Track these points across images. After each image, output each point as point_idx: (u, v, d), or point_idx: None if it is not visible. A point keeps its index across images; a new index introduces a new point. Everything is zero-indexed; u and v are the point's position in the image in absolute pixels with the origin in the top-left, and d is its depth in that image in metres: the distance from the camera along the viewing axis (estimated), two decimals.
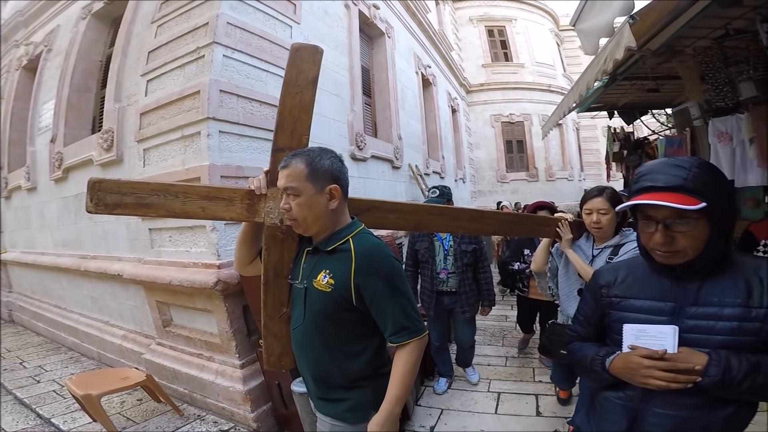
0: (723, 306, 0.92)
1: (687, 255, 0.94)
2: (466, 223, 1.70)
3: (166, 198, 1.30)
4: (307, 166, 1.15)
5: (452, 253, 2.98)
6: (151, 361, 3.20)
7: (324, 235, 1.22)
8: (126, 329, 3.79)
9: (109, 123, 3.53)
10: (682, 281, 0.98)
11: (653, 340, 0.96)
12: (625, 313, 1.05)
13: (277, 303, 1.40)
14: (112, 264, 3.65)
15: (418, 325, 1.18)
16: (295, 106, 1.36)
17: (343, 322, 1.20)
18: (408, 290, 1.20)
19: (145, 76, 3.16)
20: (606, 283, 1.13)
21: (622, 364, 0.99)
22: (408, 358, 1.17)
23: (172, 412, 2.86)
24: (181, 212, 1.32)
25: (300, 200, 1.15)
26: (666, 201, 0.90)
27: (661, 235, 0.93)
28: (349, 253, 1.16)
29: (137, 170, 3.25)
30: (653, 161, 1.08)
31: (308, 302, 1.23)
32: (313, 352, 1.24)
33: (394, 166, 5.98)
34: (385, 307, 1.16)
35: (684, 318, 0.95)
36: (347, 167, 1.27)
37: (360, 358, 1.22)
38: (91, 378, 2.82)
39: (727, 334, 0.91)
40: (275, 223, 1.35)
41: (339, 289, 1.15)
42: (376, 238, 1.26)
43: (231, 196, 1.35)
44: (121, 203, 1.28)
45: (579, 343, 1.20)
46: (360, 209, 1.44)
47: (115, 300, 3.85)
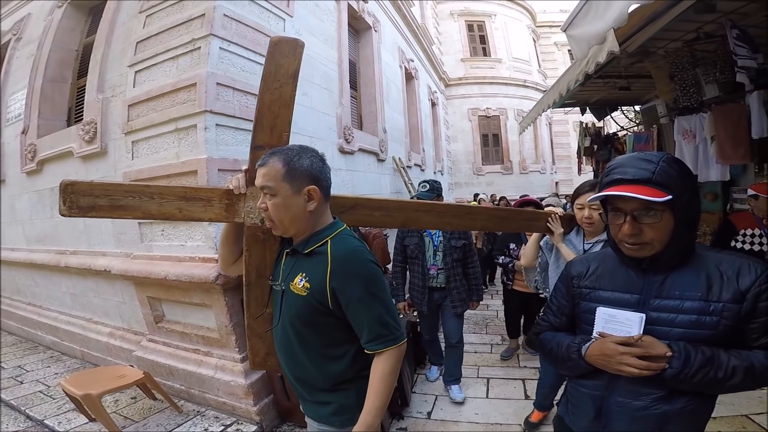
0: (684, 299, 0.96)
1: (654, 248, 0.97)
2: (454, 219, 1.66)
3: (142, 200, 1.26)
4: (284, 165, 1.11)
5: (442, 249, 2.94)
6: (143, 358, 3.15)
7: (303, 236, 1.19)
8: (112, 326, 3.69)
9: (91, 114, 3.38)
10: (647, 273, 1.02)
11: (621, 326, 1.00)
12: (593, 303, 1.08)
13: (260, 304, 1.37)
14: (96, 259, 3.53)
15: (395, 332, 1.14)
16: (275, 102, 1.31)
17: (320, 326, 1.17)
18: (386, 296, 1.16)
19: (132, 66, 3.06)
20: (577, 273, 1.16)
21: (597, 351, 1.02)
22: (384, 367, 1.12)
23: (170, 409, 2.83)
24: (158, 214, 1.28)
25: (276, 201, 1.12)
26: (634, 193, 0.93)
27: (629, 226, 0.96)
28: (325, 256, 1.13)
29: (124, 163, 3.16)
30: (624, 155, 1.11)
31: (285, 305, 1.20)
32: (292, 355, 1.21)
33: (379, 159, 6.03)
34: (361, 313, 1.12)
35: (648, 310, 0.99)
36: (329, 166, 1.23)
37: (341, 362, 1.19)
38: (87, 377, 2.75)
39: (687, 327, 0.95)
40: (255, 224, 1.31)
41: (314, 294, 1.12)
42: (357, 240, 1.21)
43: (209, 197, 1.30)
44: (94, 206, 1.23)
45: (551, 333, 1.21)
46: (344, 207, 1.41)
47: (99, 297, 3.73)
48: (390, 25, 7.07)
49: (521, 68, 14.58)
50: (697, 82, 4.49)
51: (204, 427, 2.64)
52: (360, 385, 1.18)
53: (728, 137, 4.07)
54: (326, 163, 1.21)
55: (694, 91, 4.52)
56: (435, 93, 11.26)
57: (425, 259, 2.95)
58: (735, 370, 0.91)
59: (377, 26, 6.14)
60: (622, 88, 5.97)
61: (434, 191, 2.91)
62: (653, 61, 4.85)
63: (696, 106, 4.53)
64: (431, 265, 2.95)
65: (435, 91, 11.32)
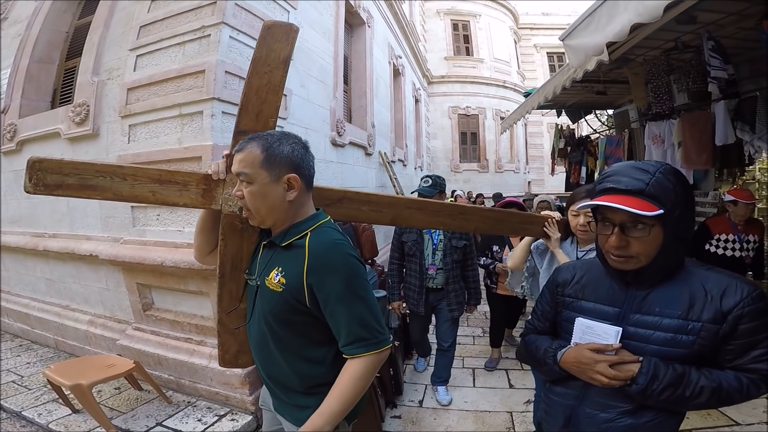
0: (663, 316, 0.94)
1: (639, 261, 0.95)
2: (447, 218, 1.60)
3: (113, 180, 1.20)
4: (263, 151, 1.04)
5: (441, 249, 2.79)
6: (128, 347, 3.07)
7: (281, 228, 1.12)
8: (92, 314, 3.56)
9: (83, 96, 3.27)
10: (630, 287, 1.00)
11: (597, 339, 0.99)
12: (573, 313, 1.08)
13: (234, 298, 1.31)
14: (80, 243, 3.40)
15: (378, 336, 1.05)
16: (263, 87, 1.27)
17: (297, 325, 1.09)
18: (369, 295, 1.07)
19: (134, 50, 2.98)
20: (563, 281, 1.15)
21: (573, 358, 1.02)
22: (357, 370, 1.03)
23: (158, 399, 2.77)
24: (130, 196, 1.24)
25: (253, 188, 1.05)
26: (623, 204, 0.89)
27: (616, 238, 0.94)
28: (303, 250, 1.05)
29: (118, 146, 3.07)
30: (622, 163, 1.08)
31: (259, 301, 1.13)
32: (268, 354, 1.14)
33: (367, 153, 6.08)
34: (339, 312, 1.03)
35: (626, 324, 0.98)
36: (313, 155, 1.16)
37: (320, 365, 1.11)
38: (73, 367, 2.66)
39: (661, 344, 0.94)
40: (233, 212, 1.25)
41: (291, 290, 1.05)
42: (339, 233, 1.13)
43: (185, 181, 1.25)
44: (62, 184, 1.17)
45: (534, 335, 1.22)
46: (330, 200, 1.36)
47: (79, 282, 3.60)
48: (382, 22, 7.12)
49: (502, 69, 14.94)
50: (669, 90, 4.74)
51: (197, 418, 2.62)
52: None
53: (694, 143, 4.32)
54: (309, 151, 1.14)
55: (666, 98, 4.77)
56: (419, 90, 11.39)
57: (423, 258, 2.80)
58: (702, 390, 0.90)
59: (371, 22, 6.17)
60: (599, 93, 6.19)
61: (437, 187, 2.74)
62: (631, 68, 5.09)
63: (667, 112, 4.77)
64: (430, 265, 2.80)
65: (419, 88, 11.45)
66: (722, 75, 3.58)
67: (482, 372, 3.46)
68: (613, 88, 6.09)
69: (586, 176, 7.55)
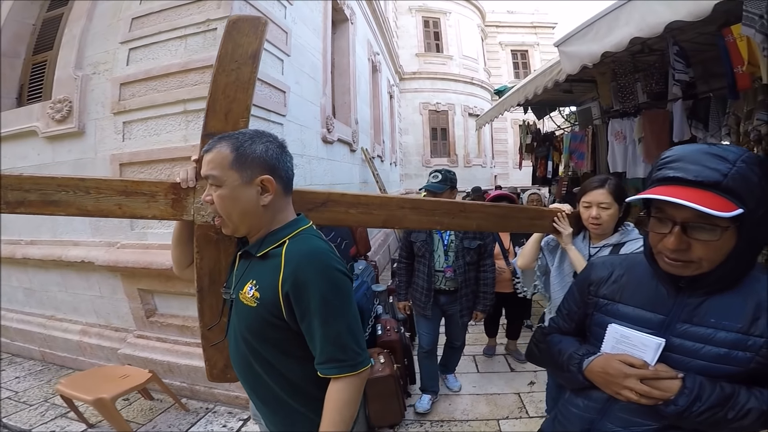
0: (718, 329, 0.80)
1: (700, 267, 0.79)
2: (445, 218, 1.45)
3: (77, 195, 1.13)
4: (232, 151, 0.95)
5: (453, 249, 2.60)
6: (131, 355, 2.96)
7: (257, 236, 1.03)
8: (84, 323, 3.38)
9: (64, 91, 3.06)
10: (682, 293, 0.85)
11: (633, 350, 0.86)
12: (607, 317, 0.93)
13: (215, 312, 1.23)
14: (67, 250, 3.20)
15: (355, 358, 0.95)
16: (230, 85, 1.19)
17: (276, 341, 0.99)
18: (349, 311, 0.97)
19: (126, 43, 2.85)
20: (597, 279, 0.99)
21: (600, 368, 0.89)
22: (340, 397, 0.95)
23: (175, 408, 2.71)
24: (95, 211, 1.15)
25: (222, 192, 0.95)
26: (692, 201, 0.72)
27: (676, 239, 0.78)
28: (279, 259, 0.95)
29: (110, 144, 2.93)
30: (688, 146, 0.84)
31: (235, 317, 1.05)
32: (248, 371, 1.05)
33: (351, 150, 6.10)
34: (315, 328, 0.93)
35: (671, 334, 0.84)
36: (291, 154, 1.07)
37: (304, 382, 1.01)
38: (87, 380, 2.53)
39: (711, 360, 0.80)
40: (207, 222, 1.17)
41: (266, 304, 0.95)
42: (322, 241, 1.02)
43: (152, 191, 1.17)
44: (24, 201, 1.10)
45: (558, 336, 1.08)
46: (314, 204, 1.26)
47: (66, 291, 3.39)
48: (362, 18, 7.12)
49: (470, 66, 15.30)
50: (634, 90, 5.04)
51: (221, 424, 2.58)
52: None
53: (654, 139, 4.57)
54: (287, 152, 1.04)
55: (632, 98, 5.09)
56: (392, 86, 11.48)
57: (433, 259, 2.61)
58: (749, 412, 0.77)
59: (353, 19, 6.17)
60: (566, 91, 6.52)
61: (447, 182, 2.53)
62: (599, 68, 5.41)
63: (633, 111, 5.09)
64: (446, 267, 2.60)
65: (392, 84, 11.54)
66: (684, 78, 3.86)
67: (482, 358, 3.61)
68: (579, 86, 6.40)
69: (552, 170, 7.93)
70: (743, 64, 2.68)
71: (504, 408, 2.78)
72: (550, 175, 7.98)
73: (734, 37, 2.72)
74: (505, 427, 2.56)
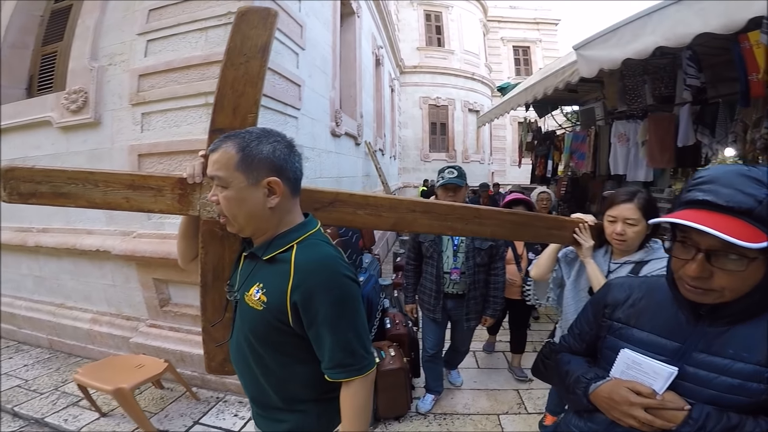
0: (736, 360, 0.76)
1: (722, 296, 0.75)
2: (457, 223, 1.38)
3: (86, 187, 1.15)
4: (238, 151, 0.92)
5: (463, 250, 2.48)
6: (143, 344, 2.99)
7: (263, 238, 1.01)
8: (95, 312, 3.41)
9: (79, 82, 3.07)
10: (702, 322, 0.81)
11: (642, 377, 0.84)
12: (621, 342, 0.91)
13: (218, 308, 1.23)
14: (80, 238, 3.21)
15: (363, 361, 0.97)
16: (239, 79, 1.17)
17: (279, 344, 0.99)
18: (358, 318, 0.98)
19: (144, 35, 2.85)
20: (613, 301, 0.96)
21: (606, 393, 0.87)
22: (357, 400, 0.98)
23: (186, 397, 2.75)
24: (103, 203, 1.17)
25: (228, 193, 0.93)
26: (719, 229, 0.68)
27: (698, 267, 0.74)
28: (288, 266, 0.94)
29: (128, 135, 2.95)
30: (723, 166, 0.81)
31: (239, 318, 1.04)
32: (248, 372, 1.06)
33: (356, 143, 6.14)
34: (324, 336, 0.94)
35: (686, 363, 0.81)
36: (301, 153, 1.04)
37: (302, 384, 1.03)
38: (104, 369, 2.54)
39: (724, 390, 0.77)
40: (212, 217, 1.15)
41: (272, 310, 0.94)
42: (330, 247, 1.01)
43: (159, 185, 1.17)
44: (35, 193, 1.14)
45: (569, 355, 1.06)
46: (321, 203, 1.24)
47: (77, 279, 3.41)
48: (367, 11, 7.10)
49: (471, 61, 15.30)
50: (643, 92, 5.02)
51: (233, 413, 2.61)
52: (320, 408, 1.06)
53: (658, 143, 4.58)
54: (295, 151, 1.00)
55: (639, 100, 5.09)
56: (393, 80, 11.45)
57: (441, 261, 2.51)
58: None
59: (360, 12, 6.15)
60: (570, 90, 6.52)
61: (463, 178, 2.43)
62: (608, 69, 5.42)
63: (639, 114, 5.09)
64: (453, 269, 2.49)
65: (394, 77, 11.51)
66: (696, 83, 3.84)
67: (482, 354, 3.67)
68: (584, 86, 6.36)
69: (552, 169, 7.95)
70: (759, 72, 2.67)
71: (504, 403, 2.85)
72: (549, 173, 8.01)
73: (751, 44, 2.69)
74: (505, 421, 2.64)
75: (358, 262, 3.88)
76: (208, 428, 2.48)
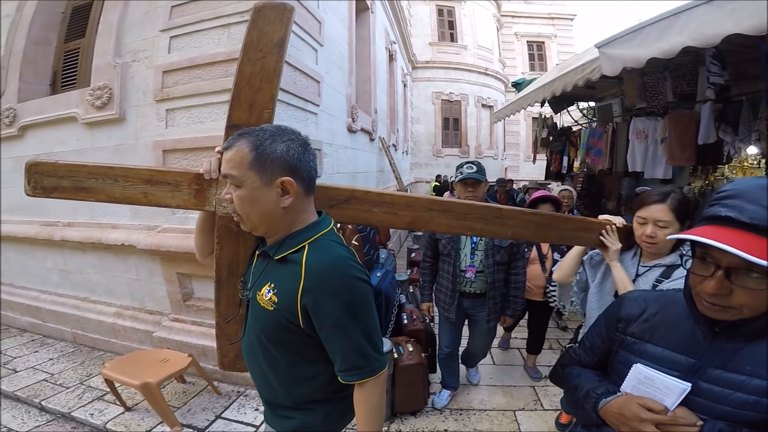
0: (753, 377, 0.75)
1: (741, 313, 0.74)
2: (477, 223, 1.33)
3: (105, 182, 1.17)
4: (252, 150, 0.91)
5: (482, 248, 2.40)
6: (166, 338, 3.04)
7: (276, 237, 1.00)
8: (118, 306, 3.48)
9: (103, 79, 3.13)
10: (718, 338, 0.80)
11: (654, 392, 0.82)
12: (634, 357, 0.89)
13: (232, 304, 1.24)
14: (105, 233, 3.28)
15: (374, 363, 0.97)
16: (255, 75, 1.16)
17: (290, 344, 0.99)
18: (369, 320, 0.97)
19: (166, 31, 2.88)
20: (627, 316, 0.94)
21: (617, 409, 0.86)
22: (371, 400, 0.99)
23: (208, 391, 2.79)
24: (122, 198, 1.19)
25: (241, 193, 0.92)
26: (740, 248, 0.66)
27: (717, 284, 0.73)
28: (299, 267, 0.92)
29: (152, 130, 2.99)
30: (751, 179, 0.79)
31: (251, 316, 1.04)
32: (258, 369, 1.06)
33: (371, 139, 6.15)
34: (336, 339, 0.94)
35: (700, 379, 0.80)
36: (315, 153, 1.02)
37: (311, 383, 1.03)
38: (130, 364, 2.58)
39: (738, 406, 0.75)
40: (228, 213, 1.14)
41: (283, 310, 0.94)
42: (341, 247, 0.99)
43: (177, 181, 1.18)
44: (58, 187, 1.17)
45: (579, 368, 1.04)
46: (336, 200, 1.22)
47: (102, 273, 3.48)
48: (380, 7, 7.07)
49: (484, 56, 15.13)
50: (663, 89, 4.89)
51: (253, 407, 2.64)
52: (328, 408, 1.06)
53: (678, 141, 4.48)
54: (309, 150, 0.98)
55: (660, 98, 4.95)
56: (406, 75, 11.41)
57: (458, 258, 2.44)
58: None
59: (374, 8, 6.14)
60: (588, 86, 6.44)
61: (483, 173, 2.33)
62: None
63: (660, 111, 4.98)
64: (468, 267, 2.43)
65: (406, 73, 11.47)
66: (719, 81, 3.75)
67: (497, 351, 3.65)
68: (602, 82, 6.27)
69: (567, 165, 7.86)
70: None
71: (520, 400, 2.85)
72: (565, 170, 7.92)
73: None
74: (521, 417, 2.64)
75: (375, 258, 3.89)
76: (229, 422, 2.51)
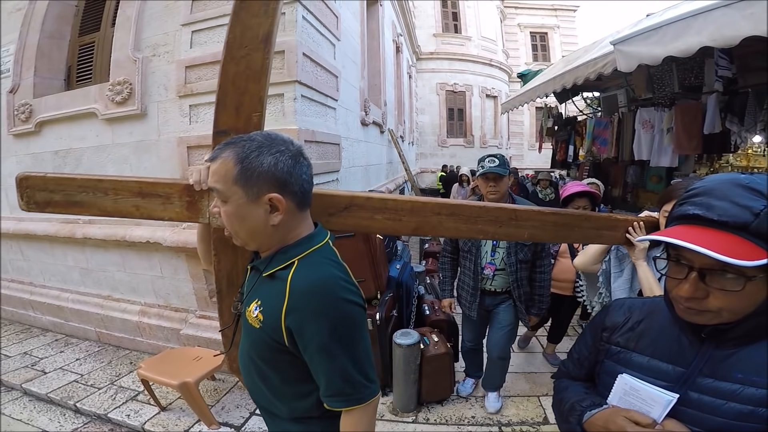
0: (746, 385, 0.70)
1: (719, 317, 0.70)
2: (489, 226, 1.22)
3: (96, 195, 1.11)
4: (237, 163, 0.84)
5: (504, 246, 2.32)
6: (194, 336, 3.04)
7: (268, 252, 0.94)
8: (143, 303, 3.49)
9: (123, 74, 3.10)
10: (707, 344, 0.75)
11: (641, 404, 0.79)
12: (620, 367, 0.86)
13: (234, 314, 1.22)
14: (129, 230, 3.29)
15: (363, 390, 0.90)
16: (240, 75, 1.08)
17: (278, 363, 0.94)
18: (357, 345, 0.90)
19: (188, 26, 2.85)
20: (611, 324, 0.91)
21: (602, 422, 0.82)
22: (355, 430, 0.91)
23: (238, 388, 2.79)
24: (114, 211, 1.13)
25: (227, 209, 0.87)
26: (710, 247, 0.63)
27: (691, 287, 0.69)
28: (284, 285, 0.86)
29: (175, 126, 2.98)
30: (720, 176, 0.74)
31: (243, 330, 1.00)
32: (254, 384, 1.02)
33: (381, 131, 6.15)
34: (320, 364, 0.88)
35: (689, 389, 0.75)
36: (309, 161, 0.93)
37: (305, 400, 0.98)
38: (165, 363, 2.56)
39: (733, 417, 0.70)
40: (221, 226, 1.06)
41: (268, 330, 0.89)
42: (332, 266, 0.91)
43: (167, 193, 1.11)
44: (51, 201, 1.12)
45: (566, 381, 1.02)
46: (336, 209, 1.14)
47: (125, 271, 3.50)
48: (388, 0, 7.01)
49: (488, 47, 15.06)
50: (669, 82, 4.99)
51: None
52: (325, 424, 0.99)
53: (685, 130, 4.53)
54: (301, 161, 0.90)
55: (667, 89, 5.06)
56: (411, 66, 11.35)
57: (480, 256, 2.37)
58: None
59: (382, 1, 6.08)
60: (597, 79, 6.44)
61: (506, 166, 2.27)
62: None
63: (666, 102, 5.03)
64: (487, 264, 2.36)
65: (411, 64, 11.41)
66: (727, 74, 3.83)
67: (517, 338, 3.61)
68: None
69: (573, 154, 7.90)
70: None
71: (543, 386, 2.87)
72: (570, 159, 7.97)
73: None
74: (546, 403, 2.66)
75: (394, 250, 3.91)
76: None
